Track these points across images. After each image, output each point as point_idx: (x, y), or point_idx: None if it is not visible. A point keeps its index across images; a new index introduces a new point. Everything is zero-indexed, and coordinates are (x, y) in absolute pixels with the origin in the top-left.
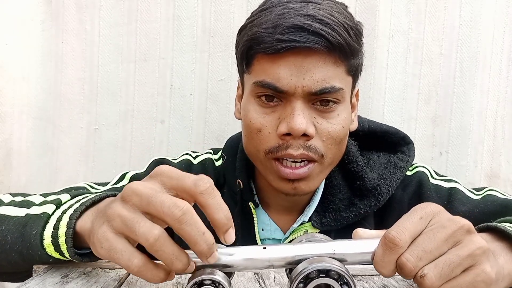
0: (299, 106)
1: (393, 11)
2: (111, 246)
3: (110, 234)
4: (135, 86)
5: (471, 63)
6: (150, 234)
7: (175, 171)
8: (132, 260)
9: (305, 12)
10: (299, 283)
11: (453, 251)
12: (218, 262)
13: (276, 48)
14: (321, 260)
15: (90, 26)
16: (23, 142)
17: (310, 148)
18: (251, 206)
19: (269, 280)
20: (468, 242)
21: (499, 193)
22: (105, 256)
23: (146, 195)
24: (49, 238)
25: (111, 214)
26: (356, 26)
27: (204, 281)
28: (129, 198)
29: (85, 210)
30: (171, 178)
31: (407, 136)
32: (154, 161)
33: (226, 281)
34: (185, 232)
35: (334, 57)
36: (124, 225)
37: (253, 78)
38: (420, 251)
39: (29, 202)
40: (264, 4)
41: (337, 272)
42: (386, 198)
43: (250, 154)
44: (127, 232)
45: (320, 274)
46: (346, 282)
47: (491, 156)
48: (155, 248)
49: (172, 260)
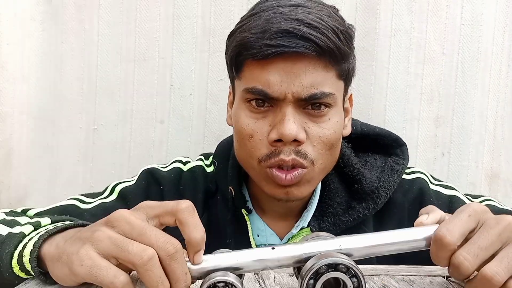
0: (290, 112)
1: (395, 10)
2: (94, 263)
3: (94, 253)
4: (135, 86)
5: (472, 63)
6: (145, 252)
7: (156, 202)
8: (119, 276)
9: (294, 17)
10: (310, 279)
11: (511, 246)
12: (229, 265)
13: (264, 53)
14: (329, 255)
15: (89, 26)
16: (23, 142)
17: (300, 154)
18: (243, 213)
19: (269, 280)
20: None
21: (497, 203)
22: (83, 274)
23: (138, 226)
24: (15, 258)
25: (99, 235)
26: (347, 30)
27: (217, 283)
28: (118, 224)
29: (56, 233)
30: (153, 208)
31: (399, 138)
32: (144, 171)
33: (239, 282)
34: (172, 268)
35: (324, 61)
36: (115, 246)
37: (243, 84)
38: (476, 249)
39: (16, 222)
40: (253, 9)
41: (345, 265)
42: (384, 201)
43: (242, 161)
44: (117, 252)
45: (329, 269)
46: (355, 275)
47: (491, 156)
48: (147, 267)
49: (157, 284)
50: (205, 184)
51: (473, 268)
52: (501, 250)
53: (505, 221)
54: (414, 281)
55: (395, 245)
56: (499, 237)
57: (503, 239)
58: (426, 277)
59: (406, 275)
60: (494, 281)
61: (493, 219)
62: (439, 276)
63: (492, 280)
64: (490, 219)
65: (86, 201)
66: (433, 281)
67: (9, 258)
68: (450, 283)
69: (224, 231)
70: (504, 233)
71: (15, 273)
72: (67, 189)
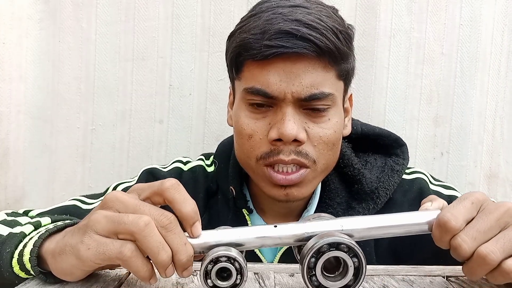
0: (290, 112)
1: (394, 10)
2: (99, 243)
3: (95, 235)
4: (133, 86)
5: (471, 63)
6: (141, 219)
7: (146, 184)
8: (125, 245)
9: (293, 17)
10: (311, 258)
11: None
12: (231, 241)
13: (264, 54)
14: (330, 235)
15: (86, 24)
16: (20, 141)
17: (301, 154)
18: (244, 213)
19: (269, 280)
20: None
21: None
22: (92, 257)
23: (132, 204)
24: (16, 257)
25: (96, 218)
26: (346, 30)
27: (220, 257)
28: (113, 205)
29: (57, 232)
30: (143, 190)
31: (399, 138)
32: (144, 171)
33: (241, 257)
34: (169, 239)
35: (323, 62)
36: (111, 222)
37: (243, 84)
38: (475, 232)
39: (16, 222)
40: (253, 10)
41: (347, 245)
42: (384, 201)
43: (242, 161)
44: (115, 227)
45: (331, 248)
46: (356, 254)
47: (490, 156)
48: (145, 233)
49: (158, 249)
50: (205, 184)
51: (470, 250)
52: (498, 233)
53: (504, 206)
54: (414, 281)
55: (396, 228)
56: (498, 221)
57: (501, 223)
58: (426, 277)
59: (406, 275)
60: (488, 259)
61: (492, 205)
62: (439, 276)
63: (486, 258)
64: (490, 205)
65: (88, 202)
66: (433, 281)
67: (9, 258)
68: (450, 283)
69: None
70: (502, 218)
71: (15, 272)
72: (65, 189)
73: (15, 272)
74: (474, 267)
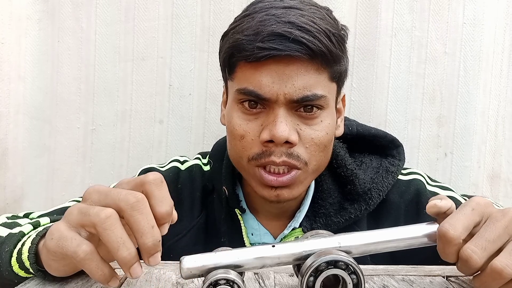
0: (282, 113)
1: (396, 9)
2: (61, 235)
3: (63, 226)
4: (133, 86)
5: (474, 63)
6: (103, 211)
7: (132, 178)
8: (81, 245)
9: (286, 19)
10: (310, 276)
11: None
12: (230, 263)
13: (257, 56)
14: (328, 253)
15: (86, 24)
16: (19, 142)
17: (292, 156)
18: (237, 213)
19: (269, 280)
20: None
21: (495, 204)
22: (53, 247)
23: (105, 191)
24: (15, 256)
25: (71, 209)
26: (339, 32)
27: (218, 280)
28: (89, 196)
29: None
30: (128, 183)
31: (396, 139)
32: (142, 170)
33: (240, 280)
34: (135, 220)
35: (316, 64)
36: (80, 214)
37: (236, 85)
38: (484, 241)
39: (16, 224)
40: (246, 10)
41: (344, 262)
42: (377, 202)
43: (234, 161)
44: (81, 218)
45: (329, 266)
46: (354, 271)
47: (493, 156)
48: (105, 225)
49: (118, 245)
50: (202, 183)
51: (481, 261)
52: (508, 242)
53: (508, 214)
54: (414, 281)
55: (393, 243)
56: (506, 229)
57: (510, 231)
58: (426, 277)
59: (406, 275)
60: (504, 273)
61: (498, 212)
62: (439, 276)
63: (502, 272)
64: (496, 212)
65: None
66: (433, 281)
67: (8, 257)
68: (450, 283)
69: (219, 230)
70: (510, 226)
71: (15, 271)
72: (65, 189)
73: (15, 271)
74: (488, 281)
